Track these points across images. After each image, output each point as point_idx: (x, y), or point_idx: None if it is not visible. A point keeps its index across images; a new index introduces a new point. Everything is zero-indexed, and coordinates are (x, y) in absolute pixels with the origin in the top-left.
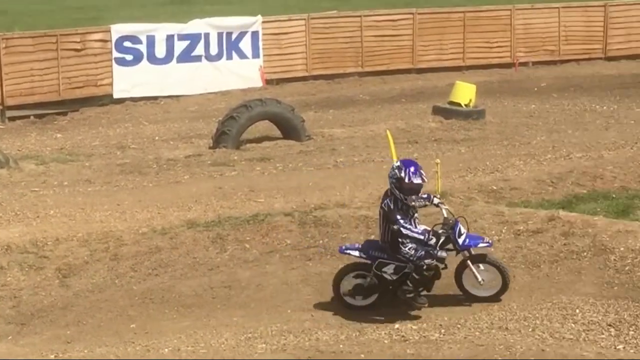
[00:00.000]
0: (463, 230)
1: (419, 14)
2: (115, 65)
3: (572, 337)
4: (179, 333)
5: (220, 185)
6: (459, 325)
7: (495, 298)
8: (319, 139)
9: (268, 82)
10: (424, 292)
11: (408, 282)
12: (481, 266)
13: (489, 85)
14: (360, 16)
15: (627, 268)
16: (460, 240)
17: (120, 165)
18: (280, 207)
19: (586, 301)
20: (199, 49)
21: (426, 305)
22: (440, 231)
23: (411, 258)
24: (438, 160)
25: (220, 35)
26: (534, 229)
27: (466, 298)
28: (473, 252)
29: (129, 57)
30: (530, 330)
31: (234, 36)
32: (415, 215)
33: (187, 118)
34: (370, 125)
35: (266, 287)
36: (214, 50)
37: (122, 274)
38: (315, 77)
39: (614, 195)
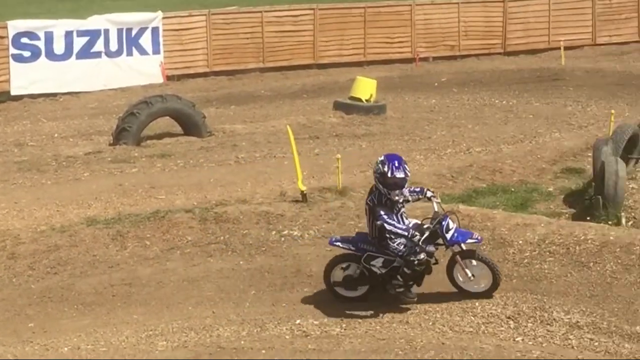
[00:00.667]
0: (452, 225)
1: (320, 9)
2: (12, 62)
3: (471, 330)
4: (78, 331)
5: (121, 182)
6: (359, 320)
7: (487, 294)
8: (220, 135)
9: (169, 78)
10: (415, 287)
11: (398, 276)
12: (471, 262)
13: (389, 81)
14: (261, 12)
15: (525, 261)
16: (448, 236)
17: (17, 162)
18: (181, 204)
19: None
20: (99, 45)
21: (415, 300)
22: (426, 226)
23: (400, 254)
24: (338, 156)
25: (120, 31)
26: None
27: (460, 293)
28: (464, 248)
29: (26, 54)
30: (430, 323)
31: (134, 32)
32: (402, 210)
33: (87, 115)
34: (271, 120)
35: (167, 284)
36: (113, 46)
37: (20, 272)
38: (217, 73)
39: (512, 189)
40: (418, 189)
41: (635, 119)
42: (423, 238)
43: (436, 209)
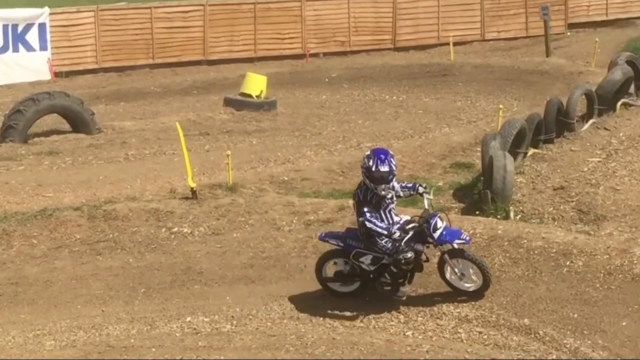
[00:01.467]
0: (440, 224)
1: (210, 5)
2: None
3: (362, 325)
4: None
5: (7, 180)
6: (250, 317)
7: (479, 293)
8: (110, 132)
9: (57, 74)
10: (407, 285)
11: (386, 274)
12: (461, 261)
13: (280, 76)
14: (150, 8)
15: None
16: (436, 235)
17: None
18: (70, 202)
19: (376, 288)
20: None
21: (404, 298)
22: (411, 225)
23: (387, 252)
24: (229, 152)
25: (5, 27)
26: (324, 219)
27: (453, 292)
28: (456, 247)
29: None
30: (321, 319)
31: (20, 28)
32: (391, 206)
33: None
34: (161, 117)
35: (55, 283)
36: None
37: None
38: (106, 70)
39: None
40: (410, 185)
41: (523, 114)
42: (408, 237)
43: (426, 206)
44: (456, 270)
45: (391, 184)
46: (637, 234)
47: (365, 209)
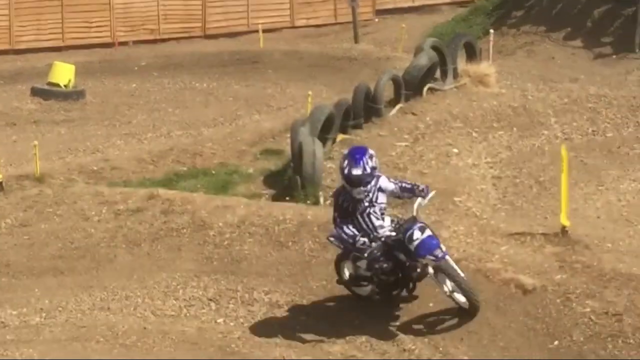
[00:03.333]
0: (417, 235)
1: None
2: None
3: (173, 313)
4: None
5: None
6: (60, 308)
7: (472, 311)
8: None
9: None
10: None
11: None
12: (442, 276)
13: (89, 65)
14: None
15: (225, 243)
16: (411, 247)
17: None
18: None
19: (187, 277)
20: None
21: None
22: (386, 234)
23: (366, 259)
24: (35, 142)
25: None
26: (134, 208)
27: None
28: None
29: None
30: (132, 309)
31: None
32: (371, 210)
33: None
34: None
35: None
36: None
37: None
38: None
39: (213, 172)
40: (409, 186)
41: (332, 100)
42: (377, 245)
43: (414, 212)
44: (444, 287)
45: (369, 186)
46: (444, 216)
47: (336, 214)
